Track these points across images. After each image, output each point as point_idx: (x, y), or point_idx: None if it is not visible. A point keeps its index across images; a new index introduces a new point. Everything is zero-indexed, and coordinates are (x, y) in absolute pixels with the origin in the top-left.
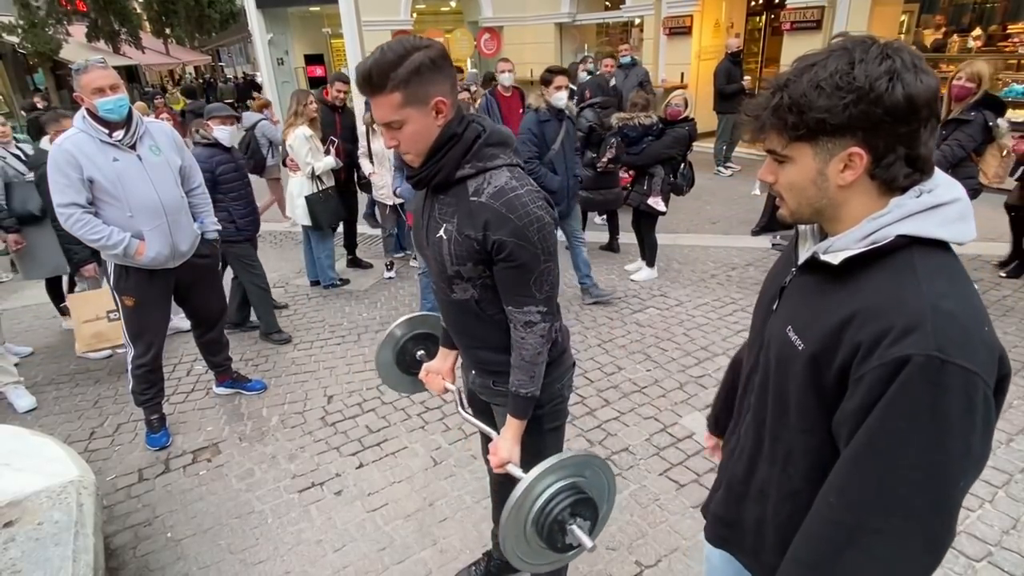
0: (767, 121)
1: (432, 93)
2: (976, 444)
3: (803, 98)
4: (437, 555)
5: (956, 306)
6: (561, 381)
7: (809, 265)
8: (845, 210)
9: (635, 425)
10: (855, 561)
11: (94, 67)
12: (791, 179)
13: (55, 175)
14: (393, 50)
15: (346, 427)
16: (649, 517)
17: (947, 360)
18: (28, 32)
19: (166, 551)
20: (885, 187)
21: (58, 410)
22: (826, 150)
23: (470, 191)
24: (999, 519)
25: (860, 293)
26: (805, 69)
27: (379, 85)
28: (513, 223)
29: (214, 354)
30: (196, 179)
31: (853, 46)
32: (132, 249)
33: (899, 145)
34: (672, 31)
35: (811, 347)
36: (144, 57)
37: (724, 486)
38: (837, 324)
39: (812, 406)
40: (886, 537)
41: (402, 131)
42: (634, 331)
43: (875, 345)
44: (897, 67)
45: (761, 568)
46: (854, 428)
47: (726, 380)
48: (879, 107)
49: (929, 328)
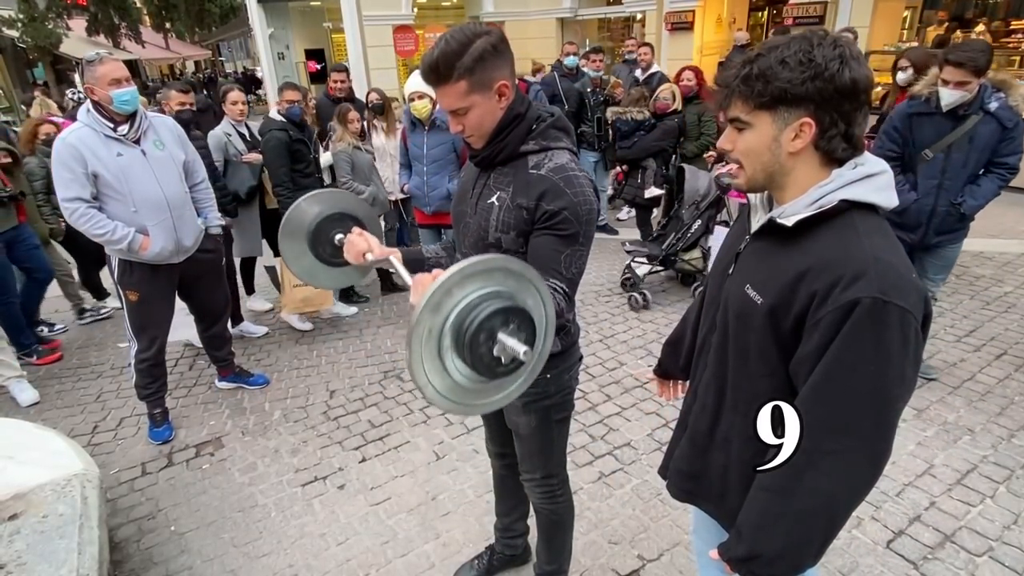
0: (736, 88)
1: (495, 78)
2: (909, 370)
3: (770, 70)
4: (440, 548)
5: (892, 257)
6: (570, 372)
7: (763, 231)
8: (792, 177)
9: (637, 420)
10: (814, 479)
11: (108, 59)
12: (749, 144)
13: (59, 169)
14: (456, 39)
15: (348, 421)
16: (651, 511)
17: (888, 301)
18: (28, 26)
19: (170, 544)
20: (826, 158)
21: (61, 404)
22: (782, 119)
23: (530, 164)
24: (1000, 514)
25: (811, 251)
26: (772, 48)
27: (446, 75)
28: (569, 198)
29: (217, 348)
30: (200, 174)
31: (812, 35)
32: (136, 244)
33: (841, 121)
34: (674, 26)
35: (769, 300)
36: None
37: (687, 441)
38: (793, 278)
39: (771, 353)
40: (838, 456)
41: (467, 116)
42: (635, 327)
43: (829, 292)
44: (847, 55)
45: (725, 512)
46: (812, 367)
47: (676, 331)
48: (831, 84)
49: (872, 275)
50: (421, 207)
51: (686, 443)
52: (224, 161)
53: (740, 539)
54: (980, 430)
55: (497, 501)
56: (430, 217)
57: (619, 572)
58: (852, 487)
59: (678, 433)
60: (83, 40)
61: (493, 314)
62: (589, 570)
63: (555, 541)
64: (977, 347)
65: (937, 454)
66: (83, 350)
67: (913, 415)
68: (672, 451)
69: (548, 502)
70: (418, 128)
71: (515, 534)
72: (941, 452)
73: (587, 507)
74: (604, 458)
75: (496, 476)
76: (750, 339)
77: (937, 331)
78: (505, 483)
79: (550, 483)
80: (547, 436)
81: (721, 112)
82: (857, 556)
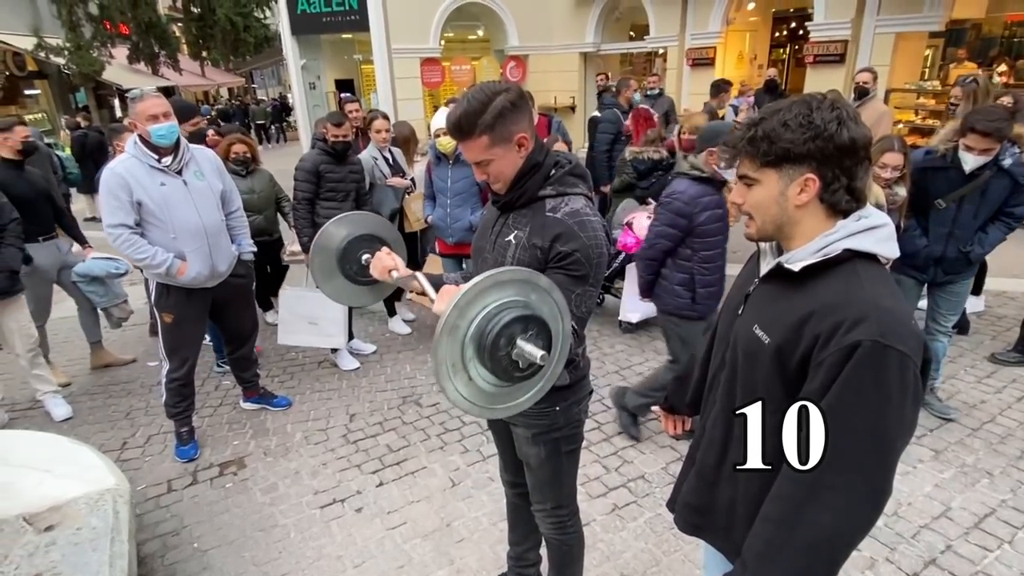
0: (744, 149)
1: (514, 131)
2: (908, 412)
3: (773, 132)
4: (454, 575)
5: (892, 304)
6: (579, 405)
7: (771, 275)
8: (799, 228)
9: (651, 453)
10: (815, 513)
11: (149, 95)
12: (758, 199)
13: (107, 197)
14: (477, 98)
15: (367, 445)
16: (664, 545)
17: (888, 345)
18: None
19: (192, 561)
20: (830, 210)
21: (92, 420)
22: (787, 175)
23: (547, 207)
24: (1019, 560)
25: (816, 295)
26: (775, 112)
27: (468, 131)
28: (582, 240)
29: (243, 370)
30: (235, 203)
31: (811, 99)
32: (174, 269)
33: (843, 176)
34: (695, 62)
35: (776, 340)
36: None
37: (695, 475)
38: (798, 320)
39: (777, 390)
40: (839, 491)
41: (490, 167)
42: (652, 359)
43: (832, 334)
44: (844, 116)
45: (731, 545)
46: (816, 404)
47: (685, 368)
48: (831, 143)
49: (874, 320)
50: (444, 237)
51: (694, 477)
52: (369, 184)
53: (744, 570)
54: (999, 473)
55: (510, 530)
56: (451, 247)
57: None
58: (852, 523)
59: (687, 467)
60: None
61: (512, 321)
62: None
63: (565, 572)
64: (999, 389)
65: (955, 496)
66: (114, 368)
67: (931, 456)
68: (680, 485)
69: (558, 533)
70: (443, 162)
71: (528, 563)
72: (959, 495)
73: (600, 539)
74: (618, 490)
75: (509, 504)
76: (757, 377)
77: (957, 371)
78: (518, 512)
79: (560, 514)
80: (557, 467)
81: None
82: None
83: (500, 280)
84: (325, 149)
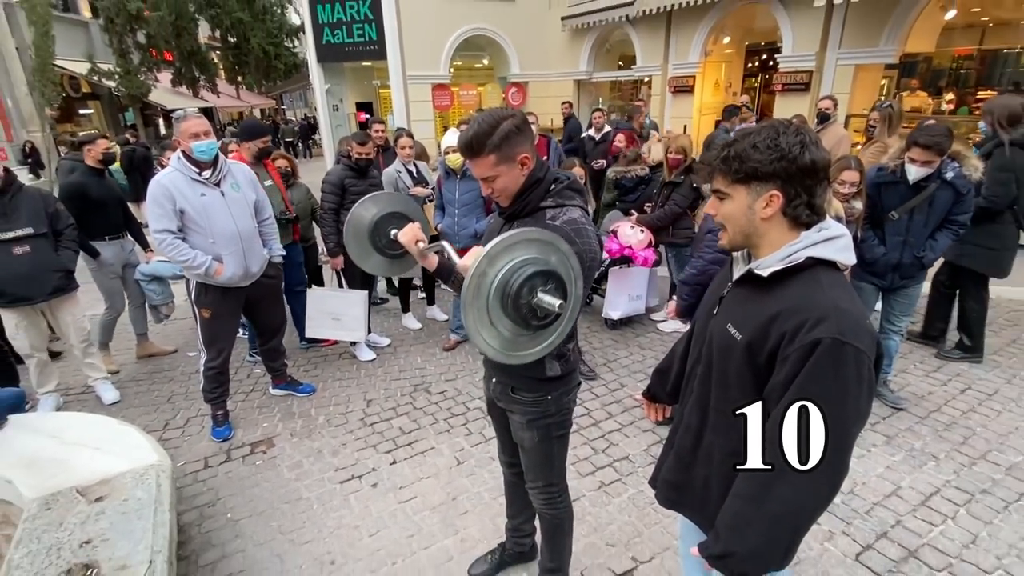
0: (718, 167)
1: (518, 152)
2: (863, 402)
3: (744, 152)
4: (458, 543)
5: (850, 306)
6: (569, 395)
7: (743, 280)
8: (766, 239)
9: (635, 436)
10: (781, 490)
11: (191, 116)
12: (729, 211)
13: (153, 205)
14: (486, 121)
15: (382, 428)
16: (645, 518)
17: (845, 341)
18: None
19: (226, 529)
20: (793, 223)
21: (137, 403)
22: (755, 191)
23: (547, 216)
24: (960, 534)
25: (782, 297)
26: (746, 135)
27: (477, 150)
28: (578, 246)
29: (273, 360)
30: (267, 212)
31: (779, 124)
32: (212, 270)
33: (804, 193)
34: (677, 89)
35: (747, 337)
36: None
37: (674, 456)
38: (767, 319)
39: (748, 381)
40: (803, 472)
41: (496, 182)
42: (636, 353)
43: (796, 332)
44: (806, 140)
45: (705, 518)
46: (782, 394)
47: (665, 361)
48: (794, 164)
49: (833, 320)
50: (452, 243)
51: (673, 458)
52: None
53: (717, 539)
54: (944, 457)
55: (508, 504)
56: (458, 252)
57: (615, 572)
58: (812, 499)
59: (666, 449)
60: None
61: (532, 275)
62: (588, 569)
63: (556, 542)
64: (944, 382)
65: (904, 477)
66: (157, 358)
67: (883, 441)
68: (661, 464)
69: (549, 507)
70: (451, 177)
71: (523, 534)
72: (908, 476)
73: (588, 512)
74: (604, 469)
75: (507, 482)
76: (730, 369)
77: (908, 366)
78: (515, 489)
79: (550, 491)
80: (548, 450)
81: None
82: (828, 567)
83: (528, 238)
84: (349, 165)
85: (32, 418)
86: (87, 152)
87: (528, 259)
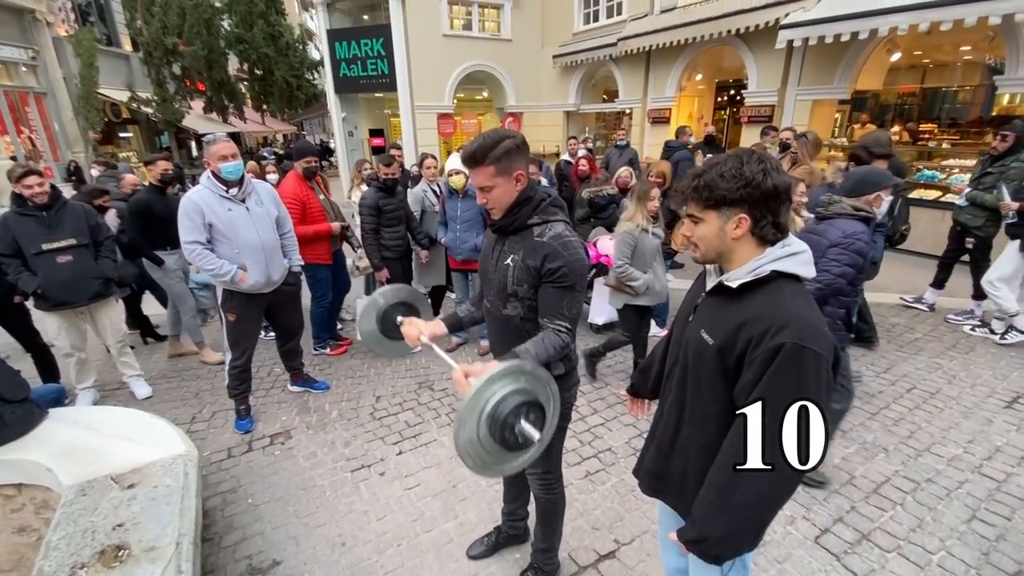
0: (689, 195)
1: (515, 168)
2: (822, 403)
3: (712, 182)
4: (458, 527)
5: (809, 314)
6: (570, 391)
7: (715, 290)
8: (736, 255)
9: (617, 430)
10: (750, 480)
11: (220, 140)
12: (702, 233)
13: (184, 219)
14: (490, 137)
15: (390, 422)
16: (626, 504)
17: (805, 346)
18: (160, 105)
19: (247, 513)
20: (760, 241)
21: (168, 398)
22: (725, 215)
23: (535, 233)
24: (908, 519)
25: (749, 306)
26: (714, 165)
27: (480, 160)
28: (566, 258)
29: (291, 359)
30: (287, 226)
31: (743, 153)
32: (237, 278)
33: (769, 214)
34: (654, 119)
35: (718, 342)
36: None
37: (654, 449)
38: (735, 326)
39: (719, 382)
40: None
41: (492, 193)
42: (618, 354)
43: (761, 338)
44: (768, 168)
45: (683, 505)
46: (749, 393)
47: (646, 361)
48: (758, 190)
49: (794, 326)
50: (454, 255)
51: (654, 450)
52: (421, 211)
53: (693, 525)
54: (893, 449)
55: (505, 491)
56: (460, 263)
57: (599, 552)
58: (779, 488)
59: (648, 442)
60: (200, 116)
61: (518, 406)
62: (575, 550)
63: (549, 525)
64: (893, 382)
65: (857, 467)
66: (186, 357)
67: (839, 435)
68: (643, 456)
69: (545, 492)
70: (454, 196)
71: (518, 518)
72: (861, 466)
73: (575, 499)
74: (590, 460)
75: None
76: (703, 371)
77: (860, 368)
78: (512, 477)
79: (548, 477)
80: (549, 441)
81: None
82: (790, 548)
83: (505, 372)
84: (379, 186)
85: (71, 411)
86: (148, 171)
87: (513, 390)
